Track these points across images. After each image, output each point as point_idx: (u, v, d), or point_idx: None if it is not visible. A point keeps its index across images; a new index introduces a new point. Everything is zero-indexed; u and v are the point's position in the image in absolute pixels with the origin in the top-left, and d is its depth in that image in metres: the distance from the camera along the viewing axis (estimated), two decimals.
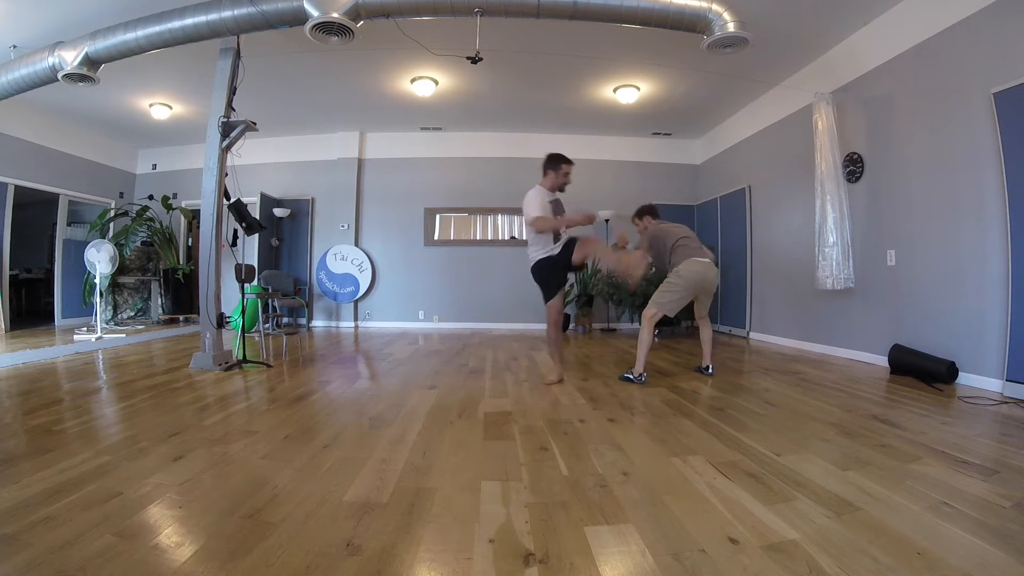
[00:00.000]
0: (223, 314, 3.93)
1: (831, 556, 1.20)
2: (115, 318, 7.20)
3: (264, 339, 4.73)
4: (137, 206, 7.47)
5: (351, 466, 1.80)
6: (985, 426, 2.35)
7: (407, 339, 5.91)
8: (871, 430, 2.25)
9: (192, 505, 1.47)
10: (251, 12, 3.50)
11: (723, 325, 6.54)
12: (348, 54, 4.72)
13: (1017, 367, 2.91)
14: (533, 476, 1.72)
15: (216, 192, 3.76)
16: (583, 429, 2.28)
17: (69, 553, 1.18)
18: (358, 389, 3.22)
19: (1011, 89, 2.96)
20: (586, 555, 1.22)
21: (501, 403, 2.78)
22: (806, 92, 4.69)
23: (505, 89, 5.79)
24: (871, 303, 4.15)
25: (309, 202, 7.52)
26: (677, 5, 3.39)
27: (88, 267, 5.61)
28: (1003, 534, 1.30)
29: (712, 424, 2.35)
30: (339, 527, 1.35)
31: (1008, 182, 2.99)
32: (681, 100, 6.00)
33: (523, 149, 7.48)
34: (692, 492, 1.59)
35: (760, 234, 5.89)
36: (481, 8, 3.42)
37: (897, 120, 3.90)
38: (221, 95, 3.81)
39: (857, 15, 4.03)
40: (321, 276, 7.30)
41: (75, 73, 3.90)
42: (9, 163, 6.01)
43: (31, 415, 2.41)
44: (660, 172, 7.55)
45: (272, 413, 2.55)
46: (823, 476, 1.71)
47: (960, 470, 1.76)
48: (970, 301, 3.28)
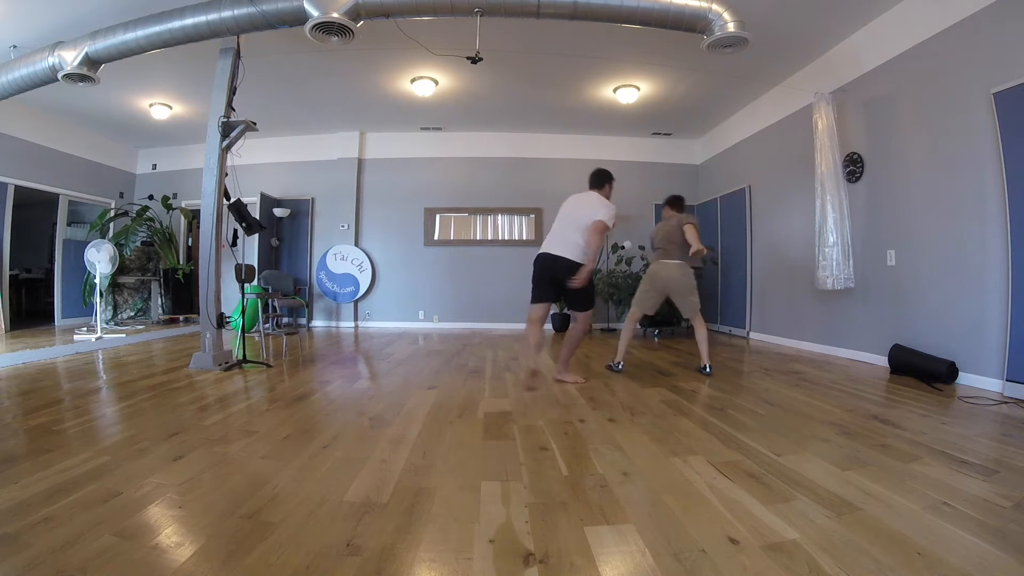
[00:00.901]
0: (223, 314, 3.93)
1: (831, 556, 1.20)
2: (115, 318, 7.20)
3: (264, 339, 4.73)
4: (137, 206, 7.47)
5: (351, 466, 1.80)
6: (985, 426, 2.35)
7: (407, 339, 5.91)
8: (871, 430, 2.25)
9: (192, 505, 1.47)
10: (251, 12, 3.50)
11: (723, 325, 6.54)
12: (348, 54, 4.72)
13: (1017, 367, 2.91)
14: (533, 476, 1.72)
15: (216, 192, 3.76)
16: (583, 429, 2.28)
17: (69, 553, 1.18)
18: (358, 389, 3.22)
19: (1011, 89, 2.97)
20: (586, 555, 1.22)
21: (501, 403, 2.78)
22: (806, 92, 4.69)
23: (505, 89, 5.79)
24: (871, 303, 4.15)
25: (309, 202, 7.52)
26: (677, 5, 3.39)
27: (88, 267, 5.61)
28: (1003, 534, 1.30)
29: (712, 424, 2.35)
30: (339, 527, 1.35)
31: (1008, 182, 2.99)
32: (681, 100, 6.00)
33: (523, 149, 7.50)
34: (692, 492, 1.59)
35: (760, 234, 5.89)
36: (481, 8, 3.42)
37: (897, 120, 3.90)
38: (221, 95, 3.81)
39: (857, 15, 4.03)
40: (321, 276, 7.30)
41: (75, 73, 3.90)
42: (9, 163, 6.00)
43: (31, 415, 2.41)
44: (660, 172, 7.55)
45: (272, 413, 2.55)
46: (823, 476, 1.71)
47: (960, 470, 1.76)
48: (970, 301, 3.28)
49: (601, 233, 3.06)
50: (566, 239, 3.12)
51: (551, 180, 7.48)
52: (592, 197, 3.25)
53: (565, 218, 3.21)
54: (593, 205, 3.16)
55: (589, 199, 3.23)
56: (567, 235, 3.13)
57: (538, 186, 7.47)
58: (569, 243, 3.10)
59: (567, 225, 3.16)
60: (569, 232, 3.13)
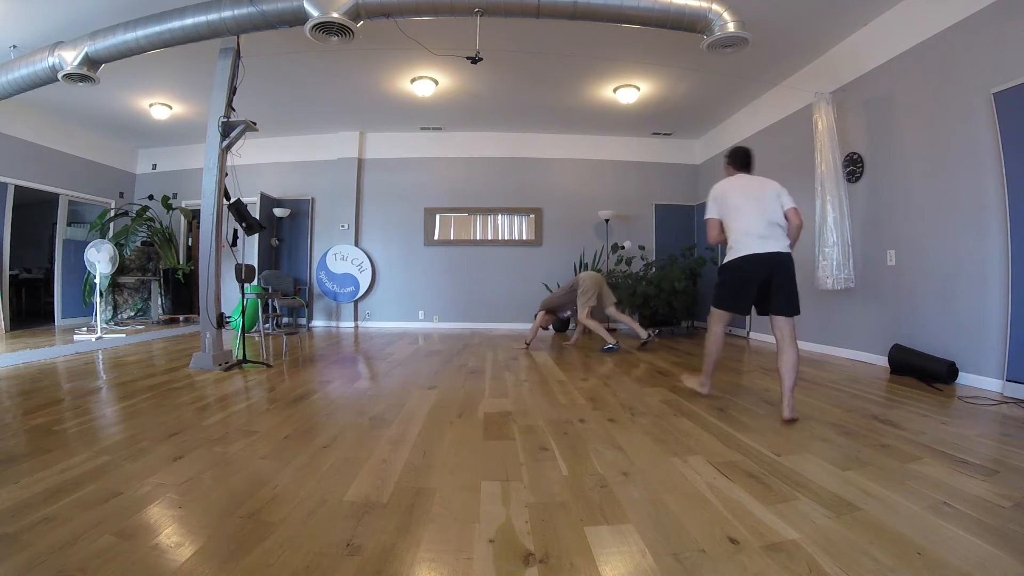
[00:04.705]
0: (223, 314, 3.93)
1: (831, 556, 1.20)
2: (115, 318, 7.21)
3: (264, 339, 4.74)
4: (137, 206, 7.48)
5: (351, 466, 1.80)
6: (985, 426, 2.35)
7: (407, 339, 5.91)
8: (871, 430, 2.25)
9: (192, 505, 1.47)
10: (251, 12, 3.50)
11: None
12: (348, 54, 4.72)
13: (1017, 367, 2.91)
14: (533, 476, 1.72)
15: (216, 192, 3.76)
16: (583, 429, 2.28)
17: (69, 553, 1.18)
18: (358, 389, 3.22)
19: (1011, 89, 2.97)
20: (586, 555, 1.22)
21: (501, 403, 2.78)
22: (806, 92, 4.69)
23: (505, 89, 5.79)
24: (871, 303, 4.15)
25: (309, 202, 7.52)
26: (677, 5, 3.39)
27: (88, 267, 5.60)
28: (1003, 534, 1.30)
29: (712, 424, 2.35)
30: (339, 527, 1.35)
31: (1008, 182, 2.99)
32: (681, 100, 6.00)
33: (523, 149, 7.50)
34: (692, 492, 1.59)
35: None
36: (481, 8, 3.42)
37: (897, 120, 3.90)
38: (221, 95, 3.81)
39: (857, 15, 4.03)
40: (321, 276, 7.30)
41: (75, 73, 3.89)
42: (9, 163, 6.00)
43: (31, 415, 2.41)
44: (660, 172, 7.55)
45: (272, 413, 2.55)
46: (823, 476, 1.71)
47: (960, 470, 1.75)
48: (970, 301, 3.28)
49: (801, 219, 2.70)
50: (773, 232, 2.62)
51: (551, 180, 7.49)
52: (763, 181, 2.79)
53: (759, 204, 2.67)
54: (774, 190, 2.72)
55: (764, 184, 2.76)
56: (772, 228, 2.63)
57: (538, 186, 7.47)
58: (779, 235, 2.63)
59: (763, 216, 2.63)
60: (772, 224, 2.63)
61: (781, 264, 2.60)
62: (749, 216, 2.65)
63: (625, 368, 3.84)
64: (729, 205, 2.71)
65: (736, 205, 2.69)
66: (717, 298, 2.81)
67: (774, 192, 2.71)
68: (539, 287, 7.11)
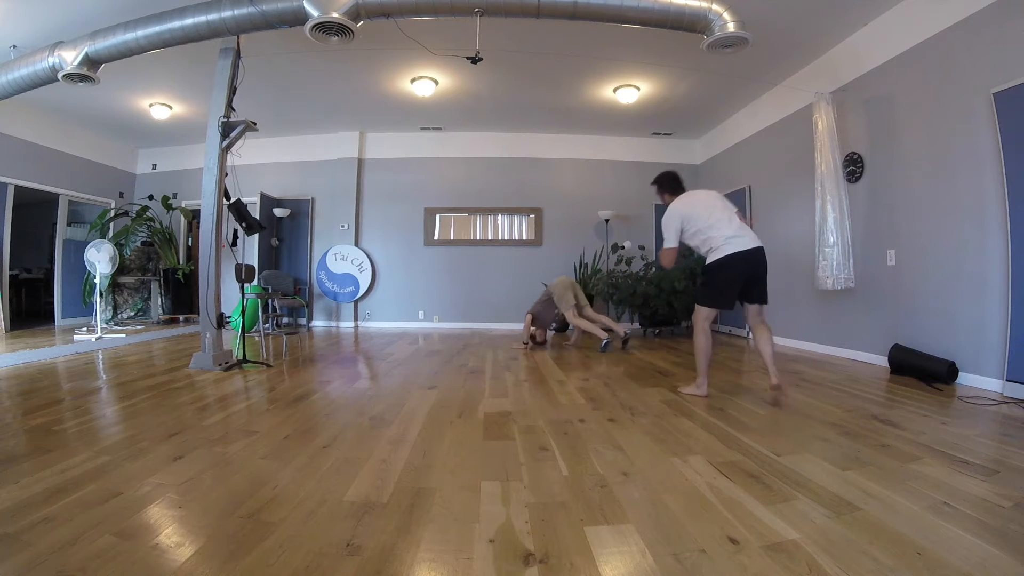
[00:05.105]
0: (223, 314, 3.93)
1: (831, 556, 1.20)
2: (115, 318, 7.21)
3: (264, 339, 4.74)
4: (137, 206, 7.48)
5: (351, 466, 1.80)
6: (985, 426, 2.35)
7: (407, 339, 5.91)
8: (871, 430, 2.25)
9: (192, 505, 1.47)
10: (251, 12, 3.50)
11: (723, 325, 6.54)
12: (348, 54, 4.72)
13: (1017, 367, 2.91)
14: (533, 476, 1.72)
15: (216, 192, 3.76)
16: (583, 429, 2.28)
17: (69, 553, 1.18)
18: (358, 389, 3.22)
19: (1011, 89, 2.96)
20: (586, 555, 1.22)
21: (501, 403, 2.78)
22: (806, 92, 4.69)
23: (505, 89, 5.79)
24: (871, 303, 4.15)
25: (309, 202, 7.52)
26: (677, 5, 3.40)
27: (88, 267, 5.61)
28: (1003, 534, 1.30)
29: (712, 424, 2.35)
30: (339, 527, 1.35)
31: (1008, 182, 2.99)
32: (681, 100, 6.00)
33: (523, 149, 7.50)
34: (692, 492, 1.59)
35: (760, 234, 5.76)
36: (481, 8, 3.42)
37: (897, 120, 3.90)
38: (221, 95, 3.81)
39: (857, 15, 4.03)
40: (321, 276, 7.30)
41: (75, 73, 3.89)
42: (9, 163, 6.00)
43: (31, 415, 2.41)
44: (660, 172, 7.53)
45: (272, 413, 2.55)
46: (823, 476, 1.71)
47: (960, 470, 1.75)
48: (970, 301, 3.28)
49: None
50: (745, 230, 2.85)
51: (551, 180, 7.49)
52: (706, 193, 3.07)
53: (724, 211, 2.89)
54: (718, 196, 3.01)
55: (708, 195, 3.02)
56: (742, 227, 2.85)
57: (538, 186, 7.47)
58: (749, 231, 2.86)
59: (730, 219, 2.86)
60: (740, 224, 2.87)
61: (763, 259, 2.85)
62: (722, 222, 2.84)
63: (625, 368, 3.84)
64: (700, 221, 2.88)
65: (704, 217, 2.87)
66: (705, 296, 2.97)
67: (718, 197, 2.99)
68: (539, 287, 7.09)
